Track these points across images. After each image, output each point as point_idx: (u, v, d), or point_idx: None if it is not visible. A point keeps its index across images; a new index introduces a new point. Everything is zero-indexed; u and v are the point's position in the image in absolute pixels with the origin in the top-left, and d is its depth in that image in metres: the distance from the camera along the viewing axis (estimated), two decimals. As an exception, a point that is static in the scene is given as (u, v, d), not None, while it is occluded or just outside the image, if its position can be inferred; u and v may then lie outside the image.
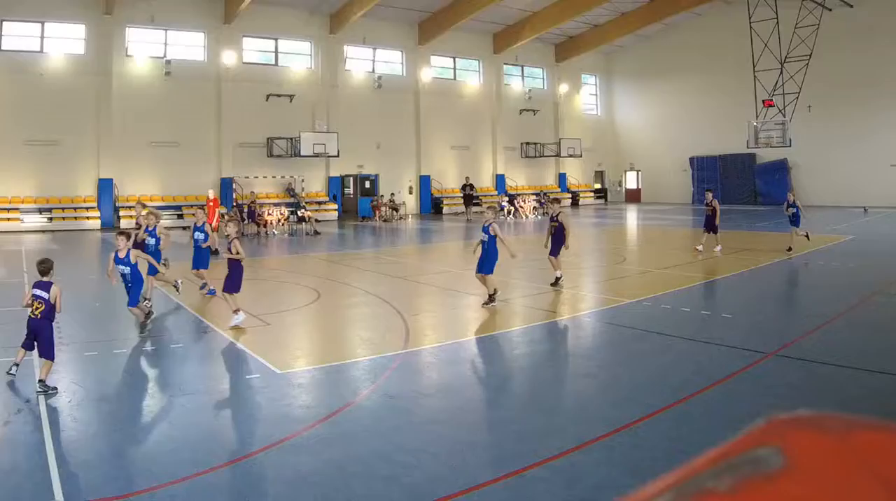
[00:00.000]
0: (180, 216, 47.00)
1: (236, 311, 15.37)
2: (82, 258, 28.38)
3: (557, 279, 19.78)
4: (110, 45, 47.41)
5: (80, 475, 7.90)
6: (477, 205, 55.68)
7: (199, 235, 19.20)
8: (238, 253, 15.73)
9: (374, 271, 24.42)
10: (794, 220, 27.67)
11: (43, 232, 42.66)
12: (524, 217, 53.35)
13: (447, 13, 55.57)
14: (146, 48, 49.38)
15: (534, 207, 55.49)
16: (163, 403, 10.66)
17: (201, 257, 19.50)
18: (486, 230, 17.87)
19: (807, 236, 28.23)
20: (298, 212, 44.87)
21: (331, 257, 30.93)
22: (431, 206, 59.39)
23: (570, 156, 66.01)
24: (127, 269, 14.86)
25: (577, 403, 10.38)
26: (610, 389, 10.96)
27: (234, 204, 47.80)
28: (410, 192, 59.15)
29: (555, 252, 19.72)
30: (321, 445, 8.69)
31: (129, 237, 15.57)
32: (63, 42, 47.08)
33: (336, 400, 10.43)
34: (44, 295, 11.42)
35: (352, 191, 56.55)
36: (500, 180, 63.49)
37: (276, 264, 28.37)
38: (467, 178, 57.17)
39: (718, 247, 27.83)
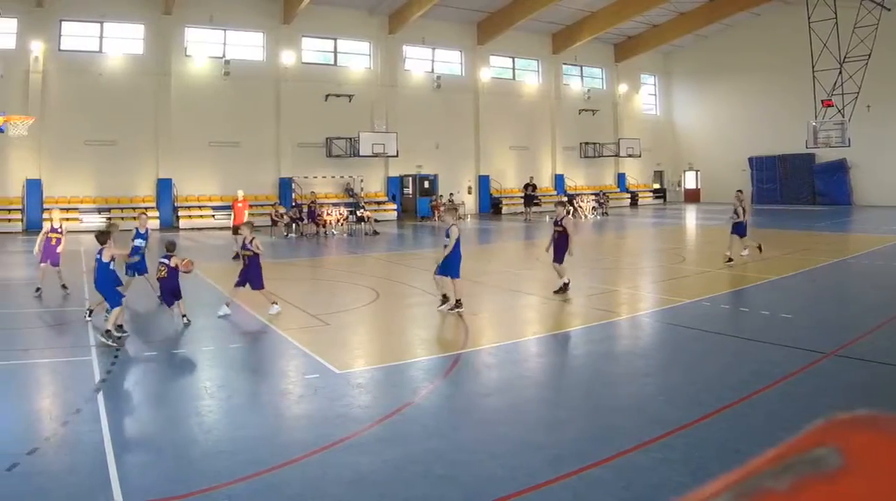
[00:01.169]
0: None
1: (273, 303, 15.79)
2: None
3: (564, 286, 18.25)
4: (169, 45, 44.88)
5: (138, 475, 7.49)
6: (537, 205, 52.51)
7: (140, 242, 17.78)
8: (258, 248, 16.00)
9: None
10: (738, 229, 23.28)
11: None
12: (583, 217, 49.90)
13: (506, 13, 52.53)
14: (205, 48, 46.74)
15: (593, 207, 52.26)
16: (222, 403, 10.10)
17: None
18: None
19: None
20: (357, 212, 41.99)
21: (390, 257, 29.22)
22: (490, 206, 56.00)
23: (629, 156, 62.28)
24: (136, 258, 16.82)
25: (634, 403, 9.84)
26: (668, 389, 10.50)
27: (294, 204, 44.92)
28: (469, 192, 55.79)
29: (559, 259, 18.30)
30: (380, 445, 8.29)
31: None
32: (122, 42, 44.53)
33: (395, 399, 10.00)
34: (167, 261, 14.61)
35: (411, 191, 53.23)
36: (559, 180, 59.73)
37: (335, 264, 27.21)
38: (531, 178, 53.20)
39: (746, 251, 24.11)
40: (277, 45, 47.88)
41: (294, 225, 39.10)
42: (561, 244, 18.13)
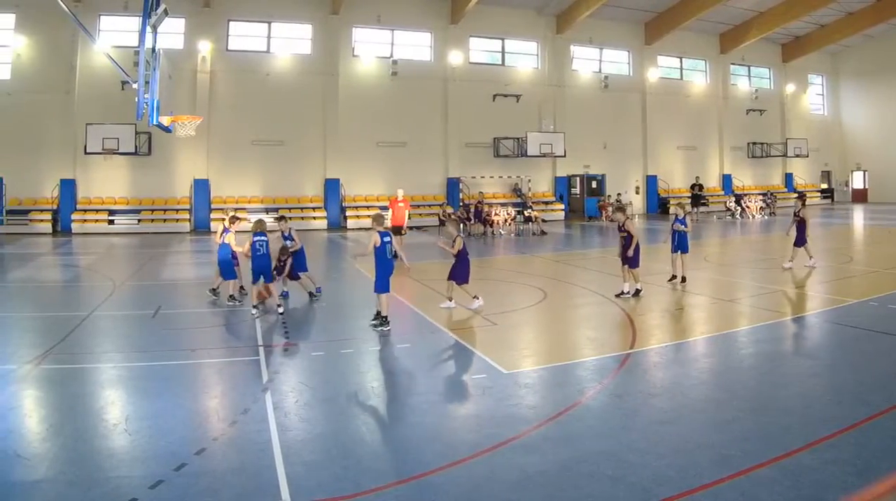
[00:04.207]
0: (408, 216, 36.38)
1: (448, 298, 14.38)
2: (311, 260, 20.23)
3: (636, 291, 15.35)
4: (337, 45, 37.50)
5: (306, 474, 6.43)
6: (704, 205, 43.33)
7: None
8: (455, 246, 14.25)
9: (600, 271, 19.65)
10: (681, 242, 17.10)
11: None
12: (751, 217, 41.34)
13: (674, 13, 43.16)
14: (372, 48, 38.91)
15: (760, 207, 43.12)
16: (389, 403, 8.83)
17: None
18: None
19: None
20: (525, 212, 34.86)
21: (557, 257, 24.57)
22: (658, 206, 46.22)
23: (797, 156, 51.02)
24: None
25: (802, 403, 8.33)
26: (835, 389, 8.95)
27: (461, 204, 38.09)
28: (637, 192, 46.19)
29: (634, 263, 15.37)
30: (547, 445, 7.09)
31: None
32: (289, 42, 37.21)
33: (562, 399, 8.57)
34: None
35: (578, 191, 44.37)
36: (727, 180, 49.18)
37: (502, 264, 23.36)
38: (697, 178, 43.89)
39: (790, 264, 19.16)
40: (445, 45, 39.86)
41: (461, 225, 31.89)
42: (627, 248, 15.30)
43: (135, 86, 14.27)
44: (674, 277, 16.99)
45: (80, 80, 33.63)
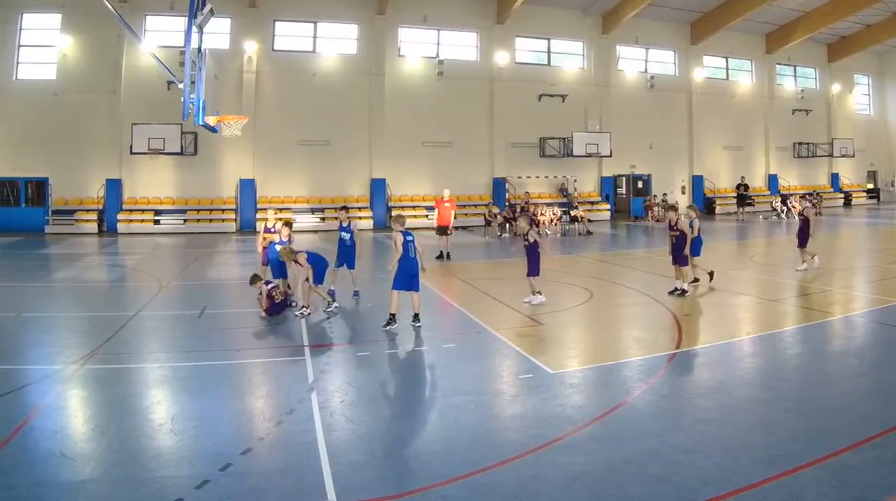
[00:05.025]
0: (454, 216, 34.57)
1: (538, 292, 14.05)
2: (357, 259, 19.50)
3: (683, 291, 14.67)
4: (383, 45, 35.40)
5: (351, 474, 6.18)
6: (750, 205, 40.73)
7: (345, 235, 15.01)
8: (537, 241, 14.27)
9: (645, 271, 18.88)
10: (694, 247, 15.70)
11: (315, 232, 30.85)
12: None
13: (719, 13, 40.52)
14: (418, 48, 36.78)
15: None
16: (435, 403, 8.42)
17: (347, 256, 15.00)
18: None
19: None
20: (571, 212, 32.87)
21: (603, 257, 23.61)
22: (704, 206, 43.16)
23: (843, 156, 48.05)
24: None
25: (848, 403, 7.95)
26: (881, 389, 8.52)
27: (507, 204, 35.88)
28: (683, 192, 43.34)
29: (684, 261, 14.90)
30: (593, 445, 6.83)
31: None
32: (335, 42, 35.16)
33: (608, 399, 8.19)
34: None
35: (624, 191, 42.08)
36: (772, 180, 46.38)
37: (548, 264, 20.83)
38: (742, 178, 41.04)
39: (804, 266, 17.96)
40: (491, 45, 37.55)
41: (507, 225, 30.88)
42: (679, 246, 14.95)
43: (181, 86, 13.65)
44: (696, 280, 15.90)
45: (126, 80, 31.93)
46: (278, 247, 14.02)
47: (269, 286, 13.13)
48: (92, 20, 30.77)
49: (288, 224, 14.73)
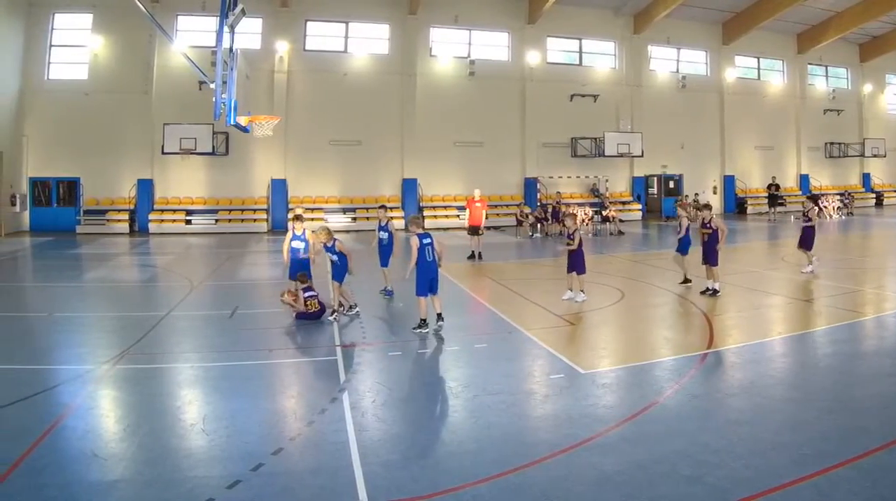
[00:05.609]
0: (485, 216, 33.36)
1: (581, 291, 13.85)
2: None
3: (711, 289, 14.27)
4: (414, 45, 34.06)
5: (383, 474, 6.02)
6: (781, 205, 39.04)
7: (384, 234, 14.87)
8: (575, 242, 13.97)
9: (677, 271, 16.85)
10: (682, 245, 15.76)
11: (347, 232, 29.55)
12: (828, 217, 37.47)
13: (751, 13, 38.82)
14: (450, 48, 35.37)
15: (837, 207, 39.42)
16: (466, 403, 8.04)
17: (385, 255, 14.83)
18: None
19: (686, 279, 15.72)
20: (602, 212, 31.71)
21: (634, 257, 22.98)
22: (735, 206, 42.12)
23: (874, 156, 46.22)
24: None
25: (880, 403, 7.70)
26: None
27: (539, 203, 34.39)
28: (714, 192, 41.76)
29: (712, 260, 14.36)
30: (625, 445, 6.62)
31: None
32: (367, 42, 33.83)
33: (639, 399, 7.94)
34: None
35: (656, 191, 40.58)
36: (804, 180, 44.63)
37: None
38: (773, 178, 39.43)
39: (809, 268, 17.19)
40: (522, 45, 36.09)
41: (539, 225, 30.26)
42: (711, 245, 14.52)
43: (212, 86, 13.29)
44: (688, 280, 15.50)
45: (158, 80, 30.86)
46: (311, 233, 13.35)
47: (307, 295, 12.43)
48: (123, 20, 29.72)
49: (299, 218, 14.11)
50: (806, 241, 17.20)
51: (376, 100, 33.82)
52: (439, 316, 11.38)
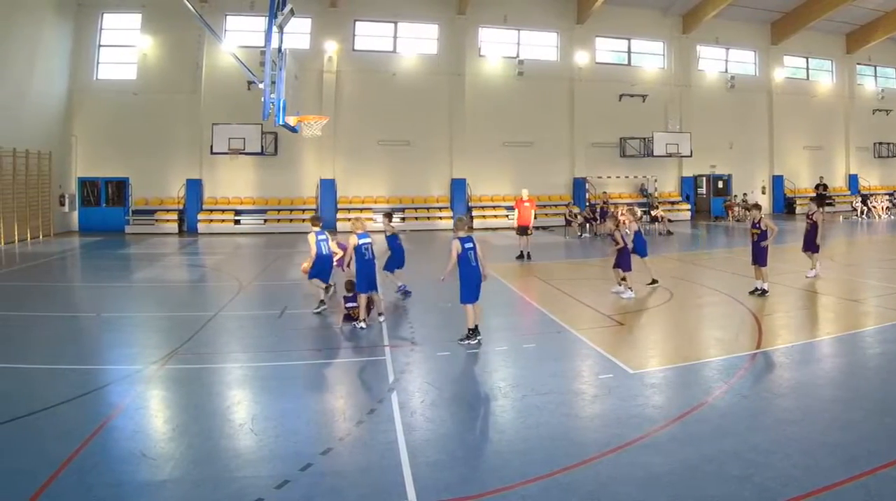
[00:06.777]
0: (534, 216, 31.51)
1: (629, 288, 13.70)
2: (435, 258, 19.30)
3: (759, 290, 13.57)
4: (463, 45, 31.84)
5: (431, 474, 5.71)
6: (830, 205, 36.52)
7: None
8: (620, 241, 13.93)
9: (726, 271, 17.11)
10: (638, 246, 15.07)
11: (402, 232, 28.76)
12: (877, 217, 35.46)
13: (800, 13, 36.26)
14: (499, 48, 33.12)
15: (886, 207, 37.11)
16: (515, 403, 7.56)
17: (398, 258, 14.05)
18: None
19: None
20: (651, 212, 29.84)
21: (683, 257, 21.94)
22: (784, 206, 39.59)
23: (924, 156, 42.49)
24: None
25: None
26: None
27: (588, 203, 32.29)
28: (763, 192, 39.21)
29: (761, 261, 13.65)
30: (673, 445, 6.27)
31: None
32: (416, 42, 31.75)
33: (688, 399, 7.53)
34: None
35: (704, 191, 38.20)
36: (853, 180, 41.86)
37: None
38: (821, 178, 37.37)
39: (813, 272, 15.89)
40: (571, 45, 33.74)
41: (587, 225, 28.44)
42: (758, 245, 13.67)
43: (261, 86, 12.91)
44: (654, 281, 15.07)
45: (206, 80, 29.01)
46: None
47: (349, 304, 11.61)
48: (172, 20, 27.97)
49: (317, 219, 13.30)
50: (809, 244, 16.13)
51: (425, 100, 31.67)
52: (476, 330, 10.15)
